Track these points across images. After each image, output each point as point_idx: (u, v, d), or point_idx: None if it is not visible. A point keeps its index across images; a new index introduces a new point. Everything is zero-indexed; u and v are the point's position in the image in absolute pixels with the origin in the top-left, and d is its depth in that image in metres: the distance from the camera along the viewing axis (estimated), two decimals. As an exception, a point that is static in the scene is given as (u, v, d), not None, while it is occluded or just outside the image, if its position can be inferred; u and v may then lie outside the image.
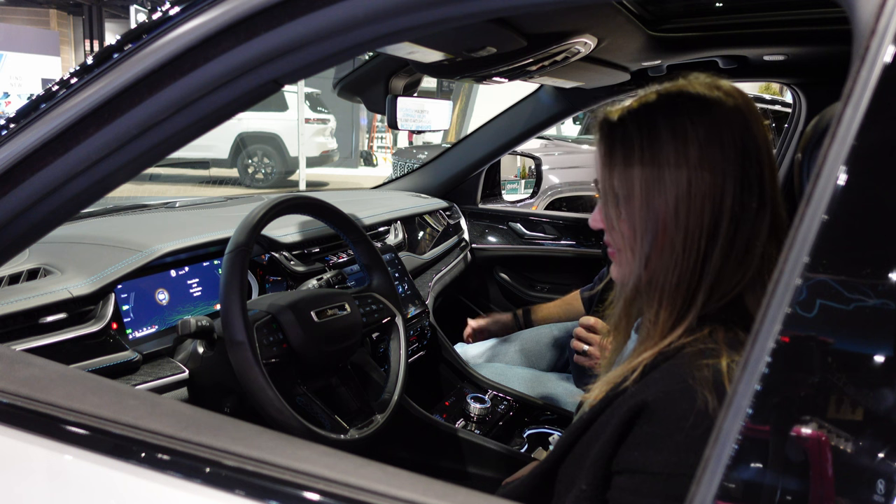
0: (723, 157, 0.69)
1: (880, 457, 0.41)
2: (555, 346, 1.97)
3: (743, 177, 0.69)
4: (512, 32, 1.09)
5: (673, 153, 0.70)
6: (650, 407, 0.64)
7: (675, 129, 0.70)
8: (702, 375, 0.63)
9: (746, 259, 0.70)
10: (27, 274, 1.11)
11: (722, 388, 0.62)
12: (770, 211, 0.70)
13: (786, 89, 2.21)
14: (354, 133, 14.43)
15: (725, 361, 0.64)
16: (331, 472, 0.54)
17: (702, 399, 0.61)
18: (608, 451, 0.66)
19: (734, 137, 0.70)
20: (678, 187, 0.69)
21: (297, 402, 1.18)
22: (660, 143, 0.71)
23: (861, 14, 0.44)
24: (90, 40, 13.90)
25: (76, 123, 0.71)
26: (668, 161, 0.70)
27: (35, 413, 0.64)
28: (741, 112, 0.71)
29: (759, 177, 0.70)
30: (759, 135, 0.71)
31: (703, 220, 0.69)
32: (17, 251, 0.81)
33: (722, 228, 0.69)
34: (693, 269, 0.70)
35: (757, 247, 0.69)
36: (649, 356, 0.70)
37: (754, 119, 0.71)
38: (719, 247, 0.69)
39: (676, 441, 0.62)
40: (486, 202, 2.50)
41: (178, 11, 0.67)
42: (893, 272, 0.41)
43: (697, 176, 0.69)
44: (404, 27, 0.65)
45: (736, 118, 0.70)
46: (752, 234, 0.69)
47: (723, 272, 0.69)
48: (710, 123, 0.70)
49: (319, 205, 1.31)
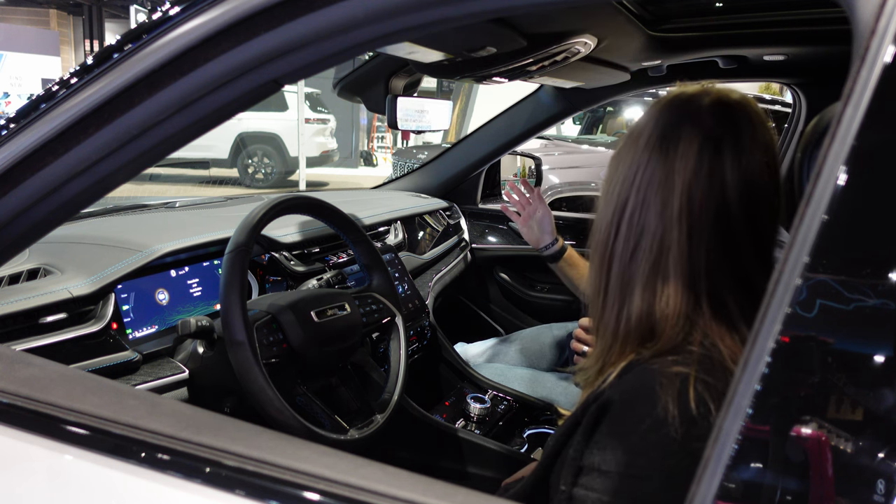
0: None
1: (880, 457, 0.41)
2: (555, 346, 1.97)
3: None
4: (512, 32, 1.09)
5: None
6: (614, 406, 0.64)
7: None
8: (669, 383, 0.62)
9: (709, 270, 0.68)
10: (27, 274, 1.11)
11: (685, 399, 0.61)
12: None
13: (786, 89, 2.21)
14: (354, 133, 14.43)
15: (693, 376, 0.62)
16: (331, 472, 0.54)
17: (663, 405, 0.60)
18: (580, 451, 0.66)
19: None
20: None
21: (297, 402, 1.18)
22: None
23: (861, 14, 0.44)
24: (90, 40, 13.89)
25: (76, 123, 0.71)
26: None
27: (35, 413, 0.64)
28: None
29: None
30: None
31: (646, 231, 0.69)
32: (17, 251, 0.81)
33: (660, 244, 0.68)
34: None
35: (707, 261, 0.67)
36: (625, 360, 0.69)
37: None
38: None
39: (631, 442, 0.62)
40: (486, 202, 2.50)
41: (178, 11, 0.67)
42: (893, 272, 0.41)
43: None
44: (404, 27, 0.65)
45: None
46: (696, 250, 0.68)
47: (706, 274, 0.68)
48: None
49: (319, 205, 1.31)
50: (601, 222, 0.73)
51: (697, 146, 0.67)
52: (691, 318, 0.67)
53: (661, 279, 0.68)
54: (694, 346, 0.65)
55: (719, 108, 0.69)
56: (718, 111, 0.69)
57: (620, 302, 0.71)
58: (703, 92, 0.71)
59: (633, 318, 0.70)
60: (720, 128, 0.68)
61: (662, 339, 0.67)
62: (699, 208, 0.66)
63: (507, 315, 2.44)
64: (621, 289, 0.71)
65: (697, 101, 0.70)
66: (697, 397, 0.60)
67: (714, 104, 0.69)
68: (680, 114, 0.70)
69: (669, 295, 0.68)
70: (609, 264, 0.72)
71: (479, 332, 2.37)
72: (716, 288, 0.67)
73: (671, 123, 0.69)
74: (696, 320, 0.67)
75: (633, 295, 0.70)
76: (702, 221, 0.67)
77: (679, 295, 0.67)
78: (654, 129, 0.70)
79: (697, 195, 0.66)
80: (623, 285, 0.71)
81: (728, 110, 0.69)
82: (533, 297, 2.37)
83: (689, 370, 0.62)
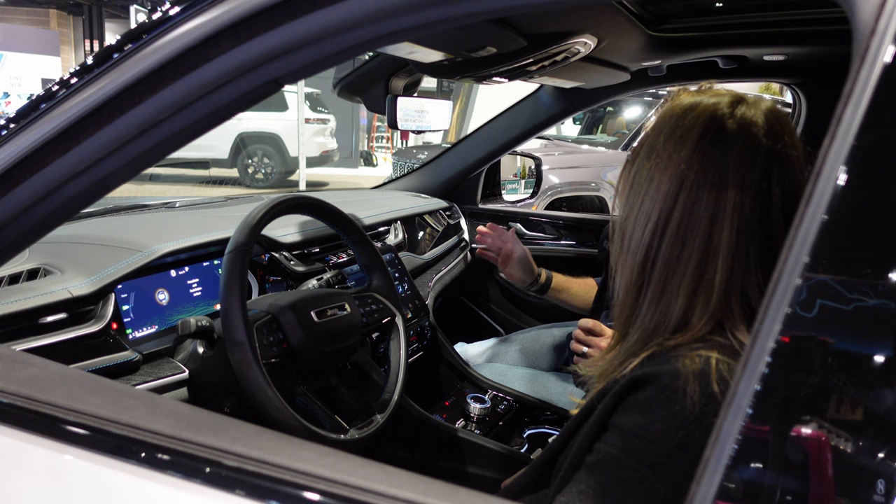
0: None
1: (880, 457, 0.41)
2: (555, 346, 1.97)
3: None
4: (512, 32, 1.09)
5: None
6: (639, 380, 0.67)
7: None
8: (693, 364, 0.64)
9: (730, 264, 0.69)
10: (27, 274, 1.11)
11: (707, 380, 0.63)
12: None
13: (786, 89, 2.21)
14: (354, 133, 14.43)
15: (716, 357, 0.65)
16: (331, 472, 0.54)
17: (684, 379, 0.63)
18: (596, 429, 0.69)
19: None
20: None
21: (297, 402, 1.18)
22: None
23: (861, 14, 0.44)
24: (90, 40, 13.89)
25: (76, 123, 0.71)
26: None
27: (35, 413, 0.64)
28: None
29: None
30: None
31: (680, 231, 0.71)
32: (17, 251, 0.81)
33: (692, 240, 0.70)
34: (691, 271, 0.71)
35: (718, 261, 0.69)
36: (648, 351, 0.71)
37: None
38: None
39: (651, 409, 0.64)
40: (486, 202, 2.50)
41: (178, 11, 0.67)
42: (893, 272, 0.41)
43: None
44: (404, 27, 0.65)
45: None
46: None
47: (715, 275, 0.70)
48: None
49: (319, 205, 1.31)
50: (642, 221, 0.73)
51: (751, 152, 0.69)
52: (720, 316, 0.69)
53: (705, 278, 0.69)
54: (718, 338, 0.68)
55: (768, 118, 0.71)
56: (768, 121, 0.71)
57: (660, 299, 0.72)
58: (740, 98, 0.73)
59: (672, 315, 0.71)
60: (769, 138, 0.69)
61: (690, 333, 0.69)
62: (749, 210, 0.68)
63: (507, 315, 2.44)
64: (664, 286, 0.72)
65: (749, 109, 0.72)
66: (719, 376, 0.63)
67: (764, 115, 0.71)
68: (734, 120, 0.71)
69: (709, 294, 0.69)
70: (653, 263, 0.73)
71: (479, 332, 2.37)
72: (746, 290, 0.69)
73: (724, 128, 0.71)
74: (724, 319, 0.69)
75: (677, 292, 0.71)
76: (750, 224, 0.68)
77: (717, 294, 0.69)
78: (706, 132, 0.71)
79: (749, 197, 0.68)
80: (665, 283, 0.72)
81: (775, 122, 0.71)
82: (533, 297, 2.37)
83: (713, 353, 0.65)
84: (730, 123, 0.70)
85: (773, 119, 0.71)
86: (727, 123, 0.70)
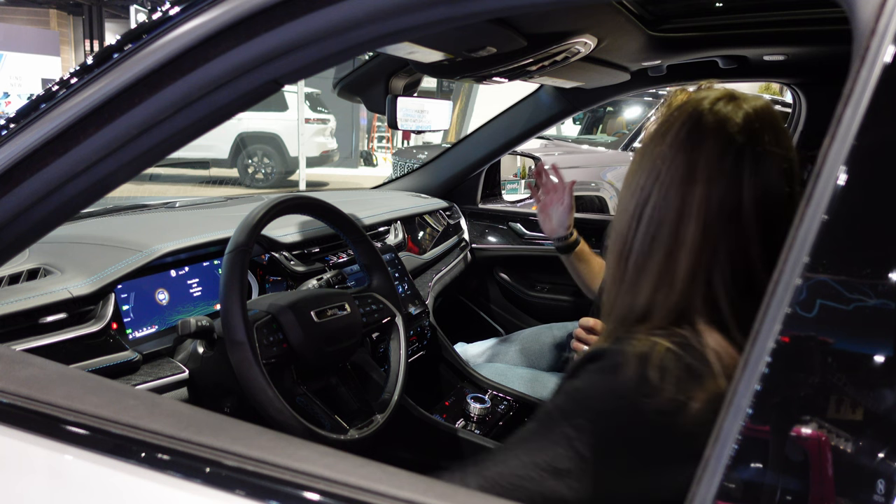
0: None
1: (880, 457, 0.41)
2: (555, 346, 1.97)
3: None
4: (512, 32, 1.10)
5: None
6: (594, 354, 0.70)
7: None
8: (639, 346, 0.66)
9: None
10: (27, 274, 1.11)
11: (645, 363, 0.64)
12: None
13: (786, 89, 2.21)
14: (354, 133, 14.43)
15: (664, 345, 0.66)
16: (331, 472, 0.54)
17: (624, 359, 0.65)
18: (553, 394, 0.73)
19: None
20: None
21: (297, 402, 1.18)
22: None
23: (861, 14, 0.44)
24: (90, 40, 13.89)
25: (76, 123, 0.71)
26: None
27: (35, 413, 0.64)
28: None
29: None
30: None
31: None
32: (17, 251, 0.81)
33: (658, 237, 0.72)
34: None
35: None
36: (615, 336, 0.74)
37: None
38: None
39: (592, 377, 0.68)
40: (486, 202, 2.50)
41: (178, 11, 0.67)
42: (893, 272, 0.41)
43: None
44: (404, 27, 0.65)
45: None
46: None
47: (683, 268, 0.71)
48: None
49: (319, 205, 1.31)
50: (623, 214, 0.75)
51: (721, 148, 0.69)
52: (684, 310, 0.70)
53: (670, 272, 0.70)
54: (677, 329, 0.69)
55: (748, 115, 0.71)
56: (747, 118, 0.70)
57: (631, 289, 0.74)
58: (728, 95, 0.73)
59: (638, 305, 0.73)
60: (744, 135, 0.69)
61: (651, 323, 0.71)
62: (717, 206, 0.69)
63: (507, 315, 2.44)
64: (636, 278, 0.73)
65: (727, 105, 0.72)
66: (660, 363, 0.64)
67: (744, 113, 0.71)
68: (710, 116, 0.71)
69: (671, 286, 0.70)
70: (628, 254, 0.74)
71: (479, 332, 2.37)
72: (713, 286, 0.69)
73: (700, 123, 0.71)
74: (687, 313, 0.70)
75: (644, 284, 0.72)
76: (719, 220, 0.69)
77: (679, 287, 0.70)
78: (682, 127, 0.72)
79: (716, 193, 0.69)
80: (638, 274, 0.73)
81: (755, 119, 0.71)
82: (533, 297, 2.37)
83: (663, 341, 0.66)
84: (706, 119, 0.71)
85: (754, 117, 0.71)
86: (703, 119, 0.71)
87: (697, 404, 0.61)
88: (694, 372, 0.63)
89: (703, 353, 0.65)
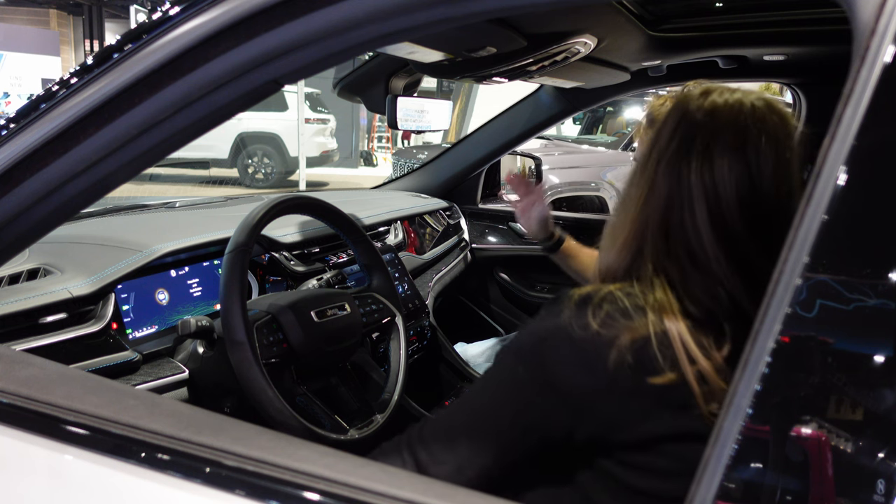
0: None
1: (880, 457, 0.41)
2: (555, 346, 1.96)
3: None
4: (512, 32, 1.10)
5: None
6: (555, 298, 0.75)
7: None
8: (588, 289, 0.71)
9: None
10: (27, 274, 1.11)
11: (587, 301, 0.69)
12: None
13: (786, 89, 2.21)
14: (354, 133, 14.42)
15: (608, 289, 0.70)
16: (331, 472, 0.54)
17: (569, 296, 0.71)
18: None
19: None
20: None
21: (297, 402, 1.18)
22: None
23: (861, 14, 0.44)
24: (90, 40, 13.88)
25: (76, 123, 0.71)
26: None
27: (35, 413, 0.64)
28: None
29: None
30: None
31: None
32: (17, 251, 0.81)
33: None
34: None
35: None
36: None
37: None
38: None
39: (541, 313, 0.73)
40: (486, 202, 2.50)
41: (178, 11, 0.67)
42: (893, 272, 0.41)
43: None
44: (404, 27, 0.65)
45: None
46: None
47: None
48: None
49: (319, 205, 1.31)
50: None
51: (684, 137, 0.72)
52: (640, 270, 0.74)
53: (634, 236, 0.75)
54: (631, 283, 0.73)
55: (737, 107, 0.72)
56: (735, 112, 0.72)
57: (606, 255, 0.80)
58: (706, 90, 0.75)
59: (607, 268, 0.79)
60: (729, 129, 0.71)
61: (615, 280, 0.76)
62: (675, 182, 0.72)
63: (507, 315, 2.44)
64: (610, 244, 0.79)
65: (697, 94, 0.75)
66: (599, 301, 0.69)
67: (734, 103, 0.73)
68: (699, 107, 0.73)
69: (630, 249, 0.75)
70: (611, 225, 0.80)
71: (479, 332, 2.37)
72: (670, 254, 0.72)
73: (686, 114, 0.74)
74: (642, 274, 0.74)
75: (614, 248, 0.78)
76: (675, 194, 0.72)
77: (636, 250, 0.75)
78: (669, 115, 0.75)
79: (679, 178, 0.72)
80: (611, 240, 0.79)
81: (747, 116, 0.72)
82: (533, 297, 2.37)
83: (611, 287, 0.71)
84: (692, 111, 0.73)
85: (738, 112, 0.72)
86: (689, 111, 0.73)
87: (624, 341, 0.65)
88: (626, 312, 0.67)
89: (643, 300, 0.69)
